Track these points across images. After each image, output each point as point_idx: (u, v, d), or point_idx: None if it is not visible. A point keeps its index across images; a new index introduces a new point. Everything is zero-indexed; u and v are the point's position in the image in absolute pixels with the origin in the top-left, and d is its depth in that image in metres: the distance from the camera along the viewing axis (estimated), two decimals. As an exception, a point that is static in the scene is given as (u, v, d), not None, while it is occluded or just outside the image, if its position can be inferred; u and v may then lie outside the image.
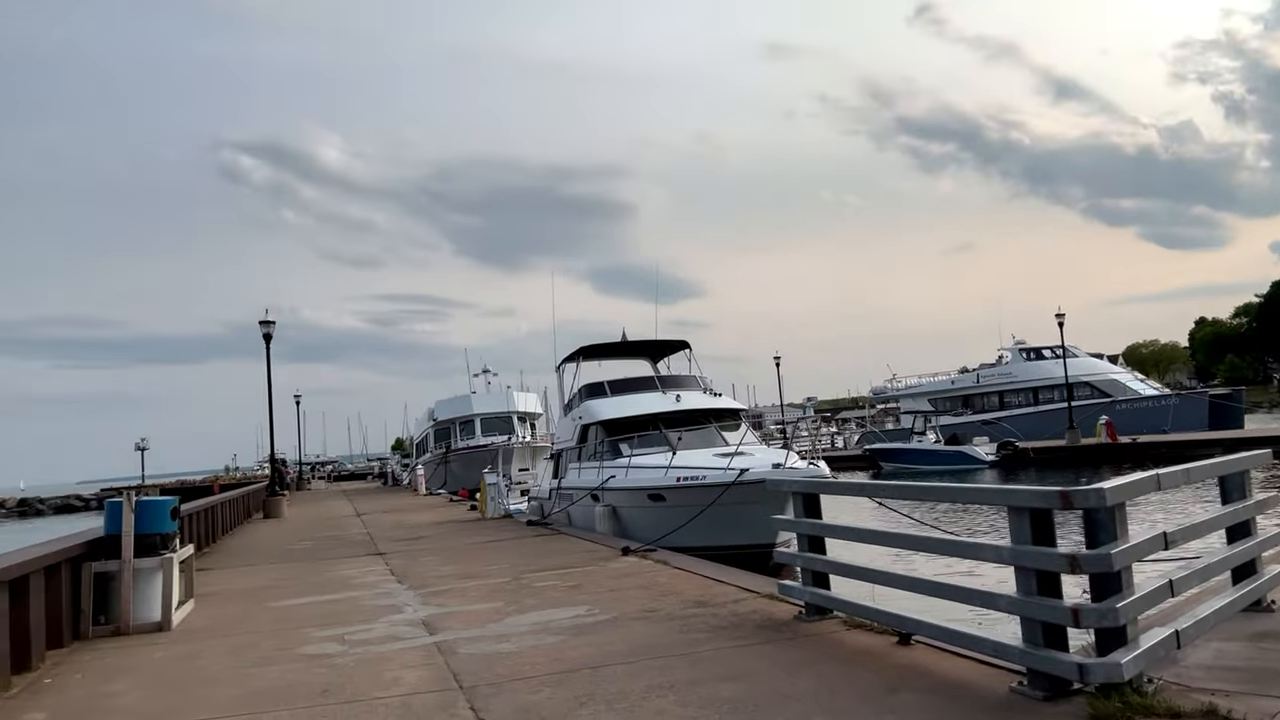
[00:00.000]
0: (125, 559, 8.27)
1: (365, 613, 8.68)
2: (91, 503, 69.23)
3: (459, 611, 8.39)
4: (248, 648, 7.36)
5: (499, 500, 20.45)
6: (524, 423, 42.34)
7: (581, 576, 10.01)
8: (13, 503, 72.47)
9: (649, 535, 13.02)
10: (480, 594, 9.34)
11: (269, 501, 26.36)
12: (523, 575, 10.39)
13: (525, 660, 6.27)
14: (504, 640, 6.99)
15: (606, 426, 17.05)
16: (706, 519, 12.45)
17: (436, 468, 41.36)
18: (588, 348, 20.72)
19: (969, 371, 53.63)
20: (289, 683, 6.07)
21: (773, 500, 11.94)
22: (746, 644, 6.27)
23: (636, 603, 8.14)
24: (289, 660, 6.79)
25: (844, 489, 7.36)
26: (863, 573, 6.29)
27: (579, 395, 19.34)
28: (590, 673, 5.78)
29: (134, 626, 8.20)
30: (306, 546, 16.12)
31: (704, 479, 13.24)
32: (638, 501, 14.53)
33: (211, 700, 5.74)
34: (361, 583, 10.83)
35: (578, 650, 6.44)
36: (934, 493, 6.33)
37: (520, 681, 5.69)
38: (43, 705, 5.85)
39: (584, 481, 16.99)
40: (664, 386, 17.92)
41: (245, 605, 9.63)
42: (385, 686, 5.81)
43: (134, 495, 8.66)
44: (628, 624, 7.24)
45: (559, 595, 8.88)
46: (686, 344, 20.33)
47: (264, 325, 28.65)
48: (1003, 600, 4.96)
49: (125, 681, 6.43)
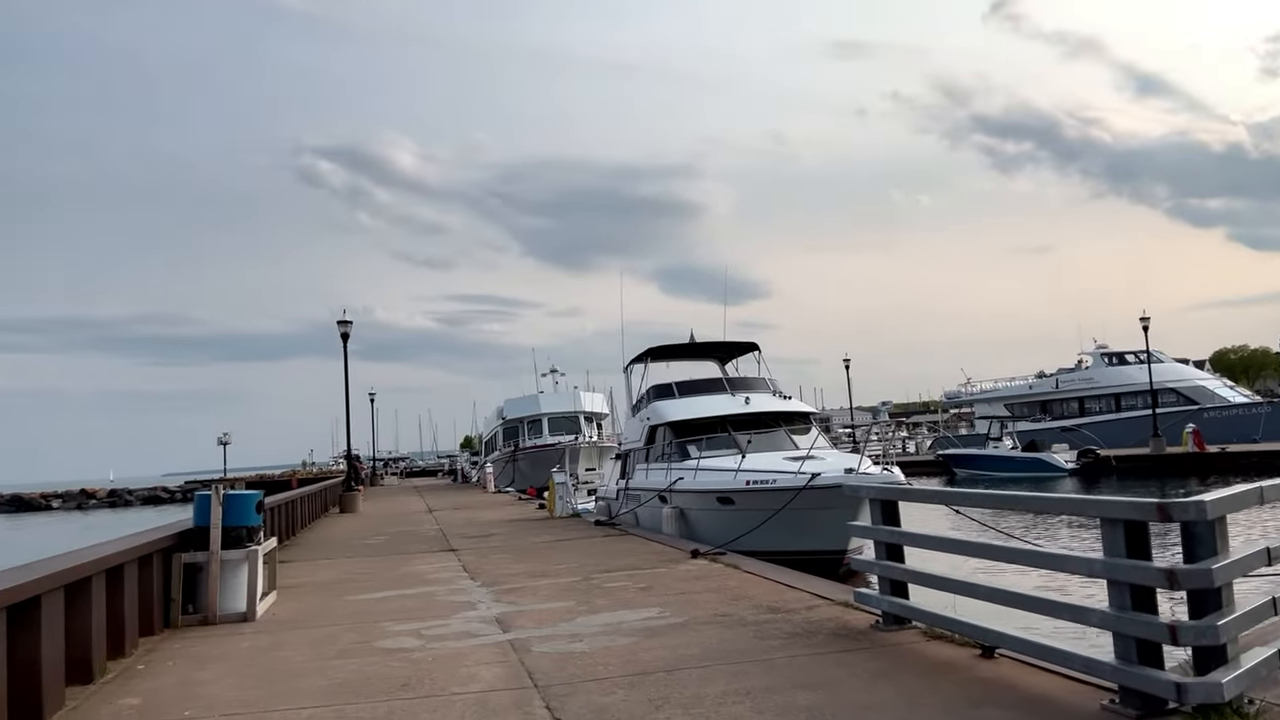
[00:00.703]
0: (213, 551, 8.56)
1: (440, 608, 8.83)
2: (177, 495, 71.92)
3: (531, 610, 8.47)
4: (328, 640, 7.55)
5: (567, 499, 20.59)
6: (590, 422, 42.62)
7: (651, 578, 10.01)
8: (103, 493, 75.82)
9: (717, 538, 12.95)
10: (551, 593, 9.42)
11: (345, 496, 27.03)
12: (592, 575, 10.44)
13: (598, 661, 6.29)
14: (576, 640, 7.03)
15: (675, 428, 17.02)
16: (776, 523, 12.33)
17: (505, 466, 41.89)
18: (656, 349, 20.73)
19: (1047, 376, 52.15)
20: (369, 675, 6.21)
21: (846, 506, 11.82)
22: (823, 652, 6.18)
23: (708, 606, 8.10)
24: (368, 653, 6.94)
25: (925, 496, 7.19)
26: (944, 583, 6.14)
27: (647, 396, 19.36)
28: (664, 676, 5.77)
29: (220, 616, 8.48)
30: (381, 541, 16.48)
31: (774, 483, 13.12)
32: (706, 504, 14.48)
33: (296, 691, 5.90)
34: (435, 578, 11.02)
35: (651, 653, 6.44)
36: (1021, 502, 6.14)
37: (594, 683, 5.71)
38: (137, 691, 6.09)
39: (652, 483, 17.00)
40: (733, 388, 17.81)
41: (325, 598, 9.88)
42: (462, 683, 5.89)
43: (221, 489, 8.96)
44: (700, 628, 7.21)
45: (630, 596, 8.90)
46: (756, 346, 20.19)
47: (341, 325, 29.40)
48: (1095, 615, 4.79)
49: (214, 670, 6.65)
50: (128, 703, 5.78)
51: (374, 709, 5.40)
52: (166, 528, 9.30)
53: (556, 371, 48.85)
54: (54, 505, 71.89)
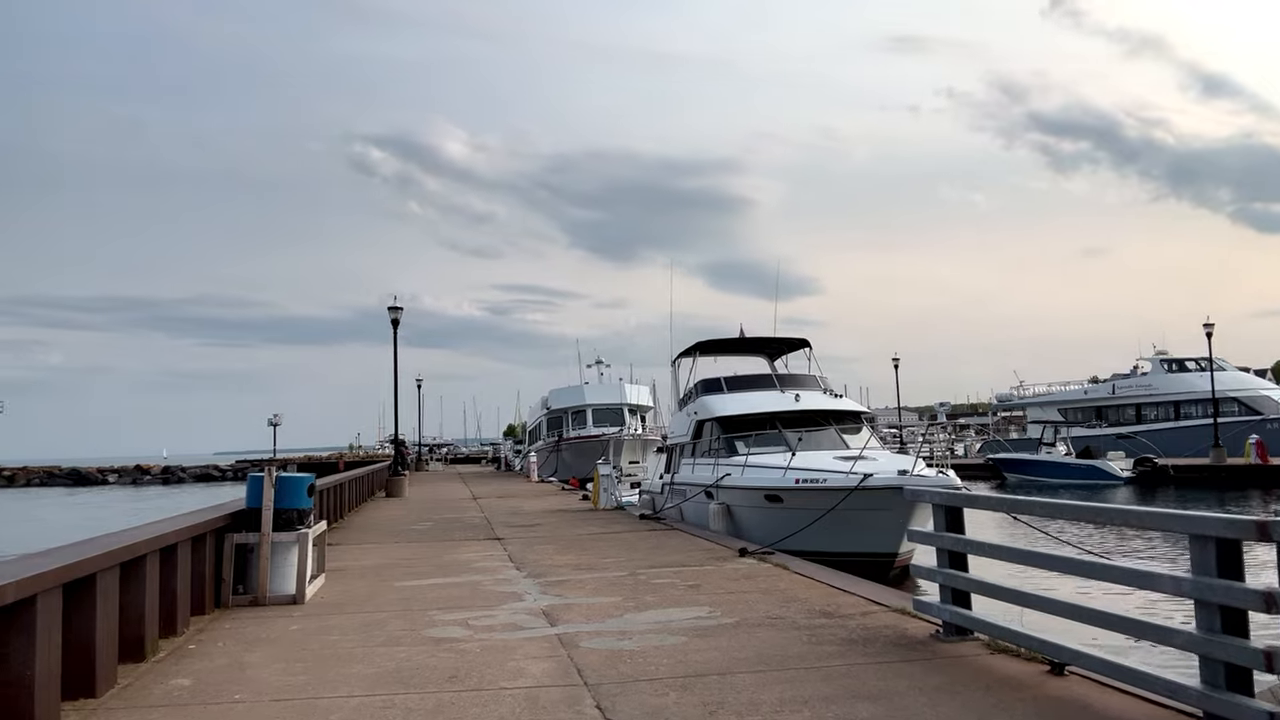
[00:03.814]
0: (264, 533, 8.59)
1: (486, 598, 8.77)
2: (228, 473, 73.62)
3: (578, 604, 8.36)
4: (376, 626, 7.52)
5: (611, 492, 20.49)
6: (635, 415, 42.51)
7: (699, 576, 9.85)
8: (157, 470, 77.84)
9: (764, 537, 12.74)
10: (598, 587, 9.31)
11: (391, 481, 27.30)
12: (639, 571, 10.31)
13: (649, 660, 6.15)
14: (625, 637, 6.90)
15: (722, 423, 16.83)
16: (825, 524, 12.10)
17: (548, 455, 42.01)
18: (704, 343, 20.54)
19: (1102, 382, 50.82)
20: (417, 665, 6.14)
21: (899, 509, 11.55)
22: (881, 661, 5.97)
23: (759, 608, 7.92)
24: (416, 642, 6.89)
25: (993, 504, 6.91)
26: (1013, 594, 5.89)
27: (694, 390, 19.20)
28: (717, 679, 5.61)
29: (270, 598, 8.52)
30: (427, 527, 16.55)
31: (824, 482, 12.87)
32: (754, 502, 14.27)
33: (345, 678, 5.85)
34: (481, 567, 10.98)
35: (702, 654, 6.28)
36: (1102, 514, 5.85)
37: (645, 683, 5.57)
38: (187, 671, 6.09)
39: (698, 478, 16.83)
40: (782, 385, 17.57)
41: (372, 583, 9.89)
42: (511, 677, 5.79)
43: (274, 471, 8.99)
44: (752, 630, 7.04)
45: (678, 594, 8.75)
46: (807, 342, 19.89)
47: (392, 311, 29.66)
48: (1180, 636, 4.52)
49: (263, 652, 6.65)
50: (179, 683, 5.78)
51: (422, 700, 5.32)
52: (219, 508, 9.37)
53: (601, 363, 48.86)
54: (110, 480, 74.02)
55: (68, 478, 74.40)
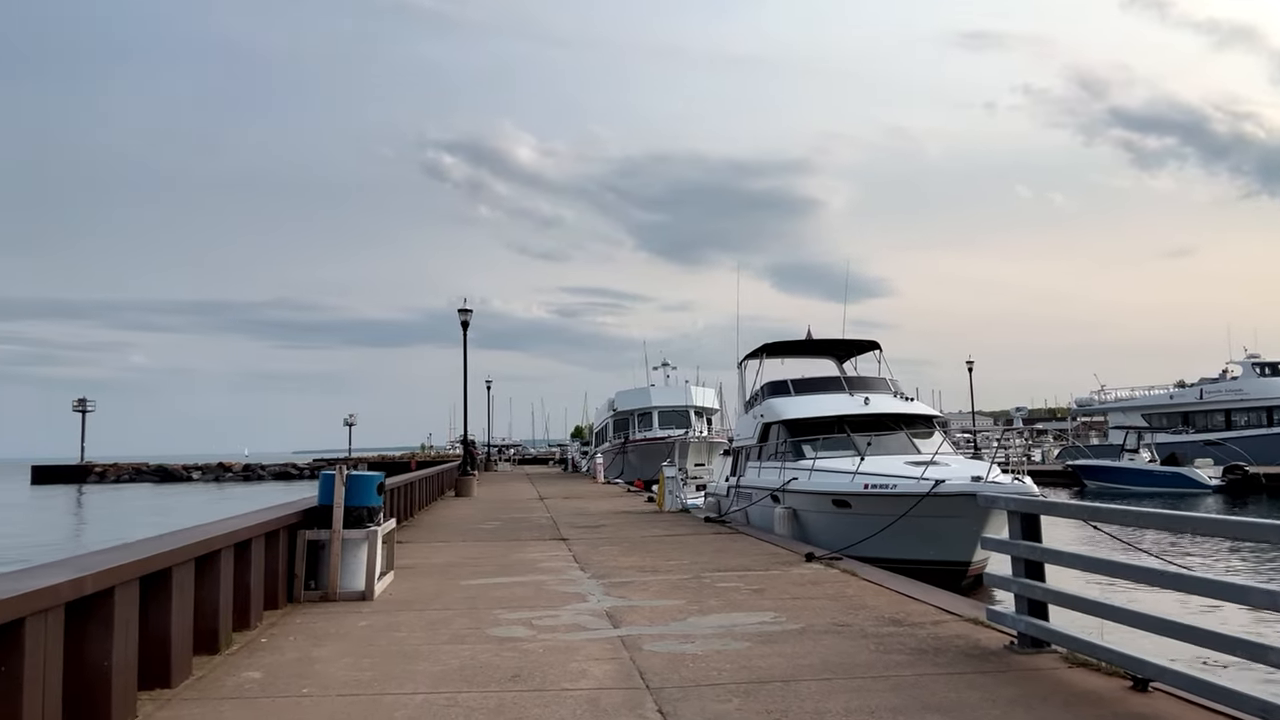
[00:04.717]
0: (335, 530, 8.77)
1: (550, 598, 8.79)
2: (305, 472, 75.75)
3: (641, 606, 8.32)
4: (442, 624, 7.60)
5: (676, 494, 20.42)
6: (701, 417, 42.40)
7: (764, 580, 9.71)
8: (238, 467, 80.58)
9: (831, 542, 12.53)
10: (661, 589, 9.25)
11: (461, 480, 27.70)
12: (703, 574, 10.22)
13: (711, 665, 6.07)
14: (688, 641, 6.82)
15: (789, 426, 16.62)
16: (895, 530, 11.83)
17: (614, 457, 42.15)
18: (771, 345, 20.33)
19: (1189, 386, 48.77)
20: (481, 664, 6.17)
21: (973, 516, 11.22)
22: (953, 672, 5.77)
23: (826, 614, 7.76)
24: (480, 640, 6.93)
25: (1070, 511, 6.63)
26: (1092, 605, 5.63)
27: (761, 393, 19.00)
28: (781, 686, 5.50)
29: (340, 594, 8.68)
30: (494, 526, 16.72)
31: (894, 488, 12.59)
32: (821, 506, 14.04)
33: (411, 674, 5.91)
34: (546, 567, 11.03)
35: (766, 660, 6.17)
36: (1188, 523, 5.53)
37: (708, 688, 5.49)
38: (259, 664, 6.23)
39: (764, 481, 16.65)
40: (851, 388, 17.25)
41: (439, 581, 10.01)
42: (573, 678, 5.77)
43: (345, 470, 9.17)
44: (818, 636, 6.89)
45: (742, 599, 8.63)
46: (877, 344, 19.52)
47: (462, 313, 30.14)
48: (1275, 653, 4.25)
49: (332, 647, 6.76)
50: (250, 676, 5.91)
51: (485, 699, 5.33)
52: (292, 504, 9.59)
53: (668, 365, 48.92)
54: (194, 477, 76.91)
55: (154, 474, 77.59)
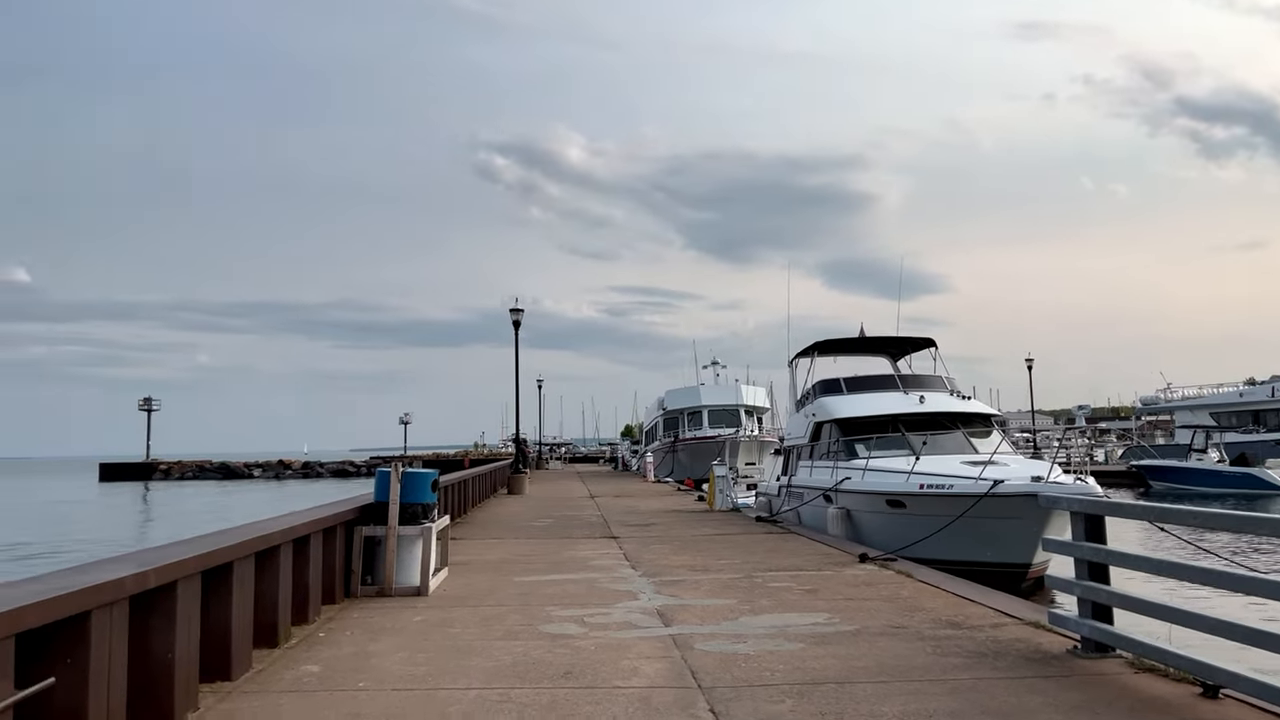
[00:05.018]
0: (391, 526, 8.89)
1: (602, 596, 8.80)
2: (362, 469, 77.17)
3: (693, 605, 8.29)
4: (495, 620, 7.66)
5: (727, 493, 20.33)
6: (751, 416, 42.15)
7: (817, 580, 9.60)
8: (298, 465, 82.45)
9: (885, 543, 12.34)
10: (713, 589, 9.20)
11: (513, 478, 27.96)
12: (755, 573, 10.15)
13: (764, 665, 6.01)
14: (740, 641, 6.78)
15: (842, 425, 16.41)
16: (952, 531, 11.61)
17: (664, 456, 42.11)
18: (823, 343, 20.10)
19: (1260, 384, 47.05)
20: (533, 660, 6.20)
21: (1033, 517, 10.96)
22: (1013, 676, 5.63)
23: (880, 616, 7.64)
24: (533, 637, 6.96)
25: (1136, 512, 6.42)
26: (1159, 609, 5.45)
27: (813, 391, 18.80)
28: (835, 688, 5.42)
29: (396, 589, 8.80)
30: (546, 524, 16.82)
31: (951, 488, 12.35)
32: (875, 506, 13.84)
33: (464, 670, 5.97)
34: (597, 565, 11.05)
35: (820, 661, 6.10)
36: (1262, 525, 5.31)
37: (761, 689, 5.44)
38: (317, 658, 6.35)
39: (816, 481, 16.47)
40: (905, 386, 16.96)
41: (492, 577, 10.10)
42: (625, 676, 5.76)
43: (400, 467, 9.29)
44: (872, 638, 6.79)
45: (795, 599, 8.55)
46: (932, 342, 19.16)
47: (514, 313, 30.43)
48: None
49: (387, 642, 6.86)
50: (308, 669, 6.02)
51: (537, 695, 5.36)
52: (349, 501, 9.75)
53: (718, 364, 48.71)
54: (255, 474, 78.85)
55: (217, 471, 79.73)
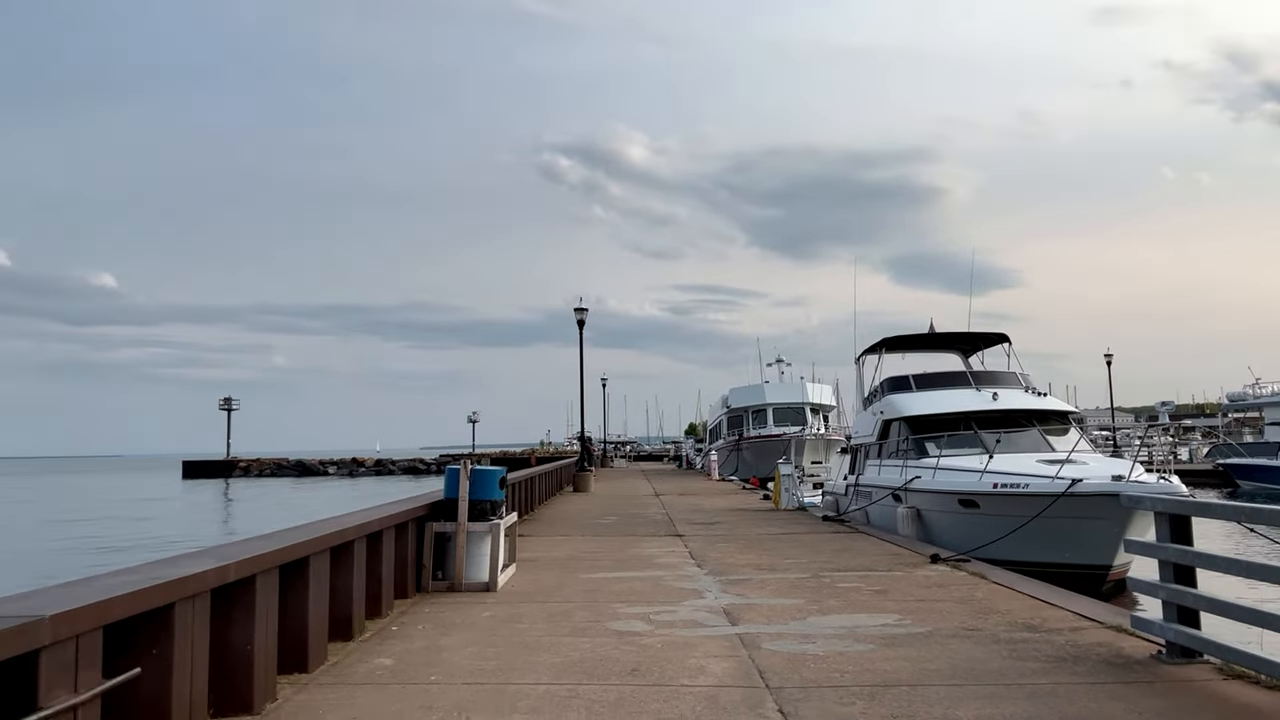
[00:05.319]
0: (460, 522, 9.03)
1: (668, 594, 8.80)
2: (432, 467, 78.68)
3: (759, 604, 8.23)
4: (562, 616, 7.71)
5: (792, 492, 20.15)
6: (817, 414, 41.71)
7: (887, 581, 9.44)
8: (371, 462, 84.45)
9: (957, 544, 12.07)
10: (779, 588, 9.12)
11: (578, 476, 28.17)
12: (823, 573, 10.02)
13: (833, 666, 5.93)
14: (808, 641, 6.70)
15: (911, 423, 16.10)
16: (1027, 532, 11.29)
17: (729, 454, 41.95)
18: (891, 339, 19.76)
19: (1358, 379, 44.63)
20: (600, 657, 6.23)
21: (1113, 517, 10.59)
22: (1094, 681, 5.45)
23: (953, 618, 7.47)
24: (599, 634, 7.00)
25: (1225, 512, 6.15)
26: (1251, 614, 5.20)
27: (881, 389, 18.49)
28: (907, 691, 5.32)
29: (465, 585, 8.93)
30: (611, 522, 16.89)
31: (1027, 487, 12.01)
32: (946, 506, 13.54)
33: (533, 665, 6.02)
34: (663, 563, 11.05)
35: (890, 663, 5.99)
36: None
37: (830, 690, 5.37)
38: (389, 651, 6.48)
39: (885, 480, 16.20)
40: (978, 382, 16.57)
41: (559, 574, 10.18)
42: (691, 675, 5.75)
43: (469, 465, 9.43)
44: (945, 641, 6.64)
45: (864, 599, 8.42)
46: (1005, 337, 18.67)
47: (578, 312, 30.62)
48: None
49: (457, 636, 6.96)
50: (381, 662, 6.15)
51: (605, 691, 5.37)
52: (420, 498, 9.94)
53: (782, 361, 48.35)
54: (330, 471, 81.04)
55: (293, 469, 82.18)
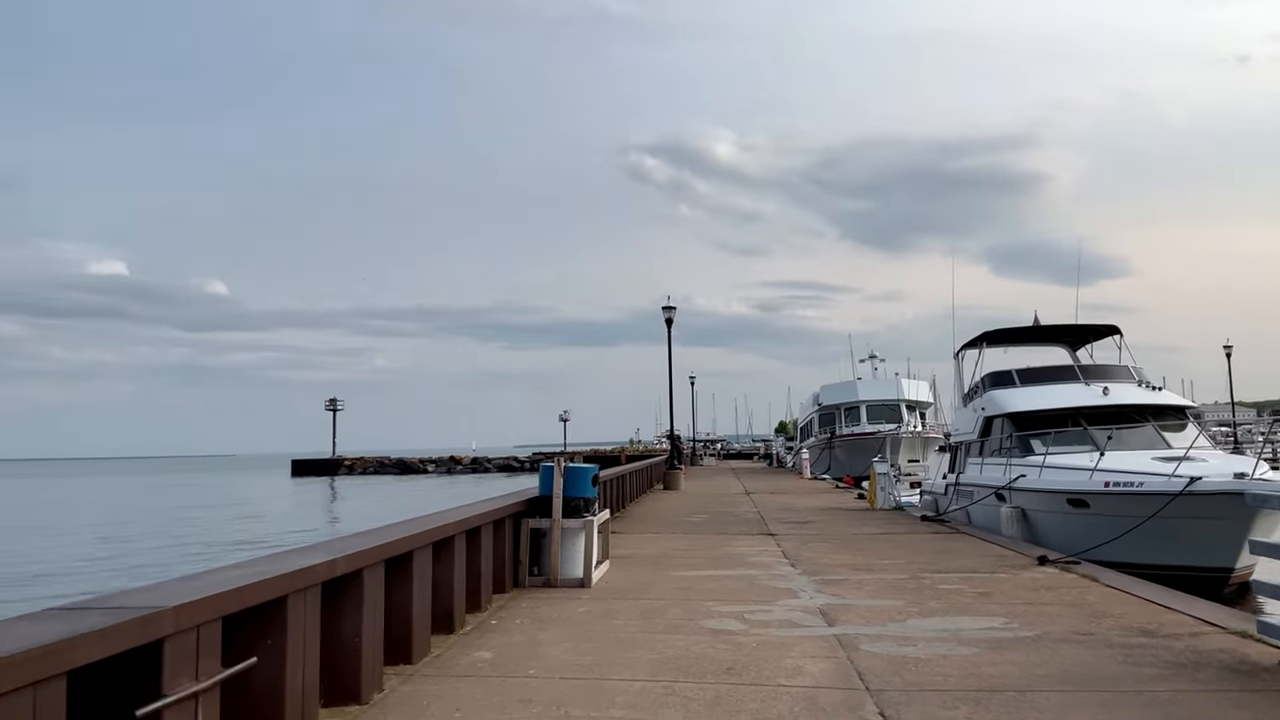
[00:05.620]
0: (555, 518, 9.15)
1: (761, 593, 8.72)
2: (526, 464, 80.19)
3: (856, 605, 8.07)
4: (656, 613, 7.73)
5: (889, 491, 19.72)
6: (913, 411, 40.83)
7: (991, 583, 9.14)
8: (467, 460, 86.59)
9: (1065, 545, 11.60)
10: (877, 589, 8.93)
11: (668, 474, 28.23)
12: (922, 574, 9.77)
13: (935, 670, 5.77)
14: (908, 644, 6.53)
15: (1015, 420, 15.55)
16: (1142, 533, 10.78)
17: (821, 452, 41.36)
18: (993, 332, 19.12)
19: None
20: (695, 655, 6.21)
21: (1236, 516, 10.00)
22: (1216, 689, 5.16)
23: (1063, 622, 7.18)
24: (693, 631, 6.98)
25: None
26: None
27: (982, 384, 17.92)
28: (1015, 696, 5.13)
29: (560, 580, 9.05)
30: (702, 520, 16.86)
31: (1142, 486, 11.45)
32: (1054, 506, 13.03)
33: (628, 661, 6.05)
34: (756, 561, 10.96)
35: (996, 667, 5.79)
36: None
37: (933, 694, 5.22)
38: (489, 645, 6.60)
39: (987, 479, 15.69)
40: (1087, 376, 15.87)
41: (651, 571, 10.21)
42: (789, 675, 5.68)
43: (562, 462, 9.55)
44: (1054, 645, 6.39)
45: (966, 602, 8.17)
46: (1116, 329, 17.83)
47: (666, 310, 30.71)
48: None
49: (554, 631, 7.05)
50: (482, 655, 6.28)
51: (701, 689, 5.36)
52: (515, 495, 10.11)
53: (875, 357, 47.45)
54: (429, 469, 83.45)
55: (395, 467, 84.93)
